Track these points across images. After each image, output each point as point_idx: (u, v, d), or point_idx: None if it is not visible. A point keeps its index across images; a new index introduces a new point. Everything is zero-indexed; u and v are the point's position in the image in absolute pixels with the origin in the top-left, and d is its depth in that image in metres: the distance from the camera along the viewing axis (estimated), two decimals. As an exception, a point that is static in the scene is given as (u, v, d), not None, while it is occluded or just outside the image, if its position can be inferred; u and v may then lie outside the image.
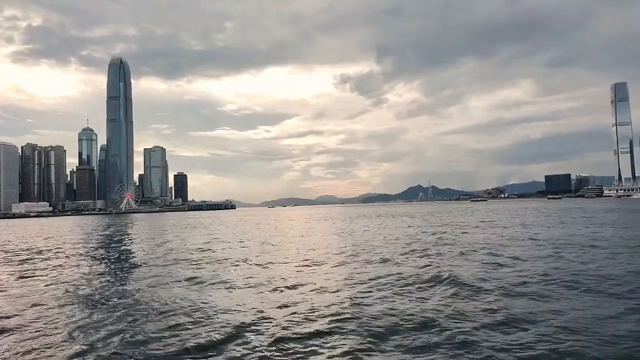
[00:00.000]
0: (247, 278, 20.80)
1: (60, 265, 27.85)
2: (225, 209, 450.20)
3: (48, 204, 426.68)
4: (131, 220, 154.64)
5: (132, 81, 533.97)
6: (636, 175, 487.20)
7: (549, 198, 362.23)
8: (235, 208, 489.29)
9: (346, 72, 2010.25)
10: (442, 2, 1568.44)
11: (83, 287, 20.00)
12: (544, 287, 16.29)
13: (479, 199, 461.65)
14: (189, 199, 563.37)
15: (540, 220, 61.76)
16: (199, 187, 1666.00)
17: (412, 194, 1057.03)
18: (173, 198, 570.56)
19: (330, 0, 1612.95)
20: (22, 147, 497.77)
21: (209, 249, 35.47)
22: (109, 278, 22.38)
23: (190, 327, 12.70)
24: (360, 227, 61.86)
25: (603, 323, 11.78)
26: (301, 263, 25.52)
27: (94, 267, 27.04)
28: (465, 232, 43.74)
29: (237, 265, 25.37)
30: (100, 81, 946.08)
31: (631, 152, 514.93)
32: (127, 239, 53.88)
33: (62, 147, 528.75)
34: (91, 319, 13.99)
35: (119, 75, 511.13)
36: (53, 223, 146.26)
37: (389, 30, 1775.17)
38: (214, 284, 19.56)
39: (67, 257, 33.09)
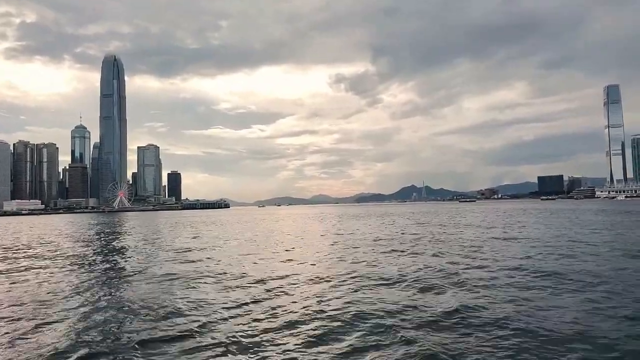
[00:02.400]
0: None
1: (43, 263, 27.86)
2: (219, 207, 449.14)
3: (40, 201, 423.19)
4: (124, 218, 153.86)
5: (126, 79, 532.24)
6: (628, 176, 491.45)
7: (542, 199, 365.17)
8: (229, 207, 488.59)
9: (341, 72, 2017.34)
10: (438, 2, 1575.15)
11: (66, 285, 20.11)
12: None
13: (468, 200, 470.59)
14: (183, 197, 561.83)
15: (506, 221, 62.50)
16: (192, 186, 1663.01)
17: (406, 194, 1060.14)
18: (167, 196, 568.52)
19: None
20: (14, 144, 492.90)
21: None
22: (91, 278, 22.42)
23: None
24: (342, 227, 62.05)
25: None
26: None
27: (78, 264, 27.09)
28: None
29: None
30: (94, 78, 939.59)
31: (623, 153, 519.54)
32: (116, 238, 53.72)
33: (55, 144, 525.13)
34: (72, 318, 14.12)
35: (113, 73, 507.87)
36: (44, 221, 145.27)
37: (385, 30, 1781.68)
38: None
39: (52, 254, 33.06)
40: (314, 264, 25.30)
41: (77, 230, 75.01)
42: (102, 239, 53.57)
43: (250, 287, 18.80)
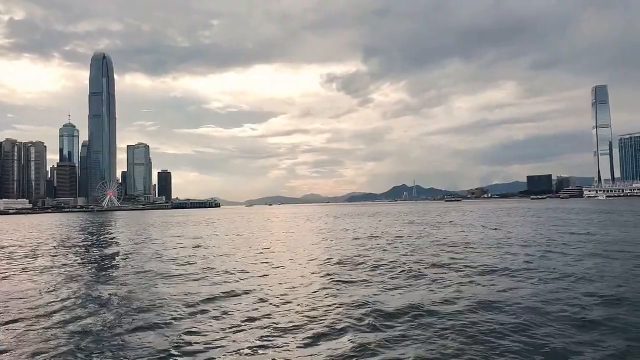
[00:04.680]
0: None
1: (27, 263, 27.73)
2: (209, 207, 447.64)
3: (27, 200, 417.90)
4: (112, 218, 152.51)
5: (117, 77, 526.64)
6: (615, 176, 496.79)
7: (532, 198, 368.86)
8: (219, 206, 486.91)
9: (333, 71, 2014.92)
10: (429, 4, 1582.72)
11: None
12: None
13: (454, 199, 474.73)
14: (173, 196, 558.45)
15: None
16: (183, 185, 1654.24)
17: (397, 193, 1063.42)
18: (157, 196, 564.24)
19: (318, 0, 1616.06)
20: (1, 142, 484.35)
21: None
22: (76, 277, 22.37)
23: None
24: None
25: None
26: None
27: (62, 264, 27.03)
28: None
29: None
30: (83, 76, 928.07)
31: (610, 153, 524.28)
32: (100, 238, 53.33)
33: (43, 143, 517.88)
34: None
35: (102, 71, 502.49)
36: (32, 220, 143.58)
37: (376, 30, 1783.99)
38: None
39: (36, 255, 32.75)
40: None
41: (64, 229, 74.30)
42: (87, 238, 53.13)
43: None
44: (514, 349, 10.35)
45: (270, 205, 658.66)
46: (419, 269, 21.62)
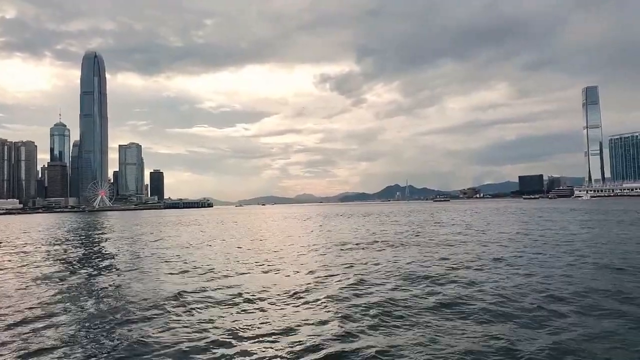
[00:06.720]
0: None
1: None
2: (202, 207, 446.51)
3: (18, 200, 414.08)
4: (103, 218, 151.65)
5: (109, 76, 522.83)
6: (605, 176, 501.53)
7: (524, 198, 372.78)
8: (212, 206, 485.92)
9: (326, 71, 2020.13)
10: (423, 4, 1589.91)
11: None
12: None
13: (442, 199, 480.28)
14: (165, 196, 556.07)
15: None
16: (175, 185, 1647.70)
17: (390, 193, 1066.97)
18: (149, 196, 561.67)
19: (312, 0, 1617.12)
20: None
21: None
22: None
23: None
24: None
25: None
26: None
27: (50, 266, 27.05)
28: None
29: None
30: (75, 76, 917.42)
31: (601, 154, 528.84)
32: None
33: (33, 142, 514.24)
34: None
35: (94, 70, 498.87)
36: (22, 221, 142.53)
37: (370, 31, 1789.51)
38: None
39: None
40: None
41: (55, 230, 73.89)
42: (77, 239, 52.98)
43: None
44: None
45: (264, 205, 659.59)
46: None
